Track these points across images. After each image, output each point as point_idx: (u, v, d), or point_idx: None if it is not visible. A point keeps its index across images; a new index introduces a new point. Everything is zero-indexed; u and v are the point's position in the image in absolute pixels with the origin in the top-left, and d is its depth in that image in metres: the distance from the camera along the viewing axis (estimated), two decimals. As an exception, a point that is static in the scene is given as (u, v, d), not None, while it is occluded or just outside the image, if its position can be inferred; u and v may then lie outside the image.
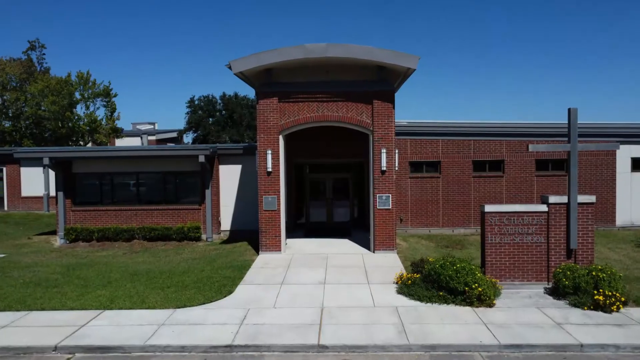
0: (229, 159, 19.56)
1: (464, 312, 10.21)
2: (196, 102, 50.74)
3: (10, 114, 32.22)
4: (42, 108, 31.53)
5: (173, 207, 19.23)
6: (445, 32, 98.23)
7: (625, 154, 19.62)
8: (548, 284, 11.87)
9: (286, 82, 15.79)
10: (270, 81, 15.67)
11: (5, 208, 28.14)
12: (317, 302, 10.91)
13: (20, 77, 33.51)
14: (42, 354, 8.79)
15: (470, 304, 10.52)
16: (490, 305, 10.52)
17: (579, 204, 11.92)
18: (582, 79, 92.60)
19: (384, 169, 15.50)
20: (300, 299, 11.20)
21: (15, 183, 28.27)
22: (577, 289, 10.79)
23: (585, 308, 10.32)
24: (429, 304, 10.68)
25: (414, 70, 14.64)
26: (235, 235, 19.35)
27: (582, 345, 8.68)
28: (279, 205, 15.78)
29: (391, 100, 15.49)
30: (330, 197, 20.85)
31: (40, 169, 26.68)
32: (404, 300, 10.97)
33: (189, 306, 10.82)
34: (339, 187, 21.06)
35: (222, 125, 48.81)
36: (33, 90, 31.20)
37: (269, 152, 15.59)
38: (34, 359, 8.67)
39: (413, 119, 20.37)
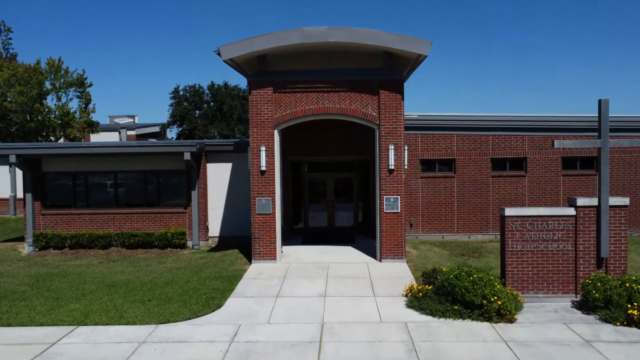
0: (218, 157, 19.57)
1: (482, 328, 10.21)
2: (181, 93, 50.79)
3: (-27, 106, 32.17)
4: (8, 99, 31.49)
5: (155, 211, 19.24)
6: (457, 14, 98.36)
7: (662, 150, 19.63)
8: (576, 297, 11.87)
9: (282, 71, 15.78)
10: (265, 69, 15.67)
11: (-33, 211, 28.15)
12: (317, 317, 10.92)
13: (-16, 65, 33.46)
14: (8, 376, 8.80)
15: (489, 319, 10.53)
16: (511, 320, 10.53)
17: (611, 206, 11.92)
18: (614, 67, 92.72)
19: (392, 167, 15.51)
20: (297, 313, 11.20)
21: (-22, 183, 28.26)
22: (608, 302, 10.79)
23: (618, 324, 10.32)
24: (442, 319, 10.69)
25: (426, 57, 14.64)
26: (224, 242, 19.35)
27: (614, 366, 8.68)
28: (274, 208, 15.78)
29: (400, 91, 15.50)
30: (332, 199, 20.87)
31: (6, 167, 26.74)
32: (414, 315, 10.98)
33: (173, 321, 10.82)
34: (342, 188, 21.07)
35: (210, 118, 48.84)
36: (-2, 79, 31.15)
37: (263, 148, 15.59)
38: (-1, 380, 8.68)
39: (424, 112, 20.38)
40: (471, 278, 10.89)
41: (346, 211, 21.01)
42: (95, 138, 37.76)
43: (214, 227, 19.72)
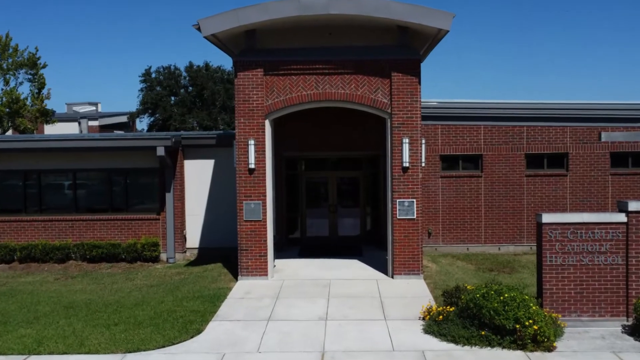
0: (198, 152, 19.59)
1: (514, 358, 10.23)
2: (153, 76, 50.82)
3: None
4: (-54, 83, 31.55)
5: (122, 217, 19.25)
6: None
7: None
8: (627, 320, 11.89)
9: (275, 49, 15.81)
10: (254, 47, 15.70)
11: None
12: (316, 345, 10.94)
13: None
14: (-54, 415, 8.81)
15: (523, 347, 10.55)
16: (550, 348, 10.55)
17: (669, 212, 11.93)
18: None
19: (406, 165, 15.53)
20: (293, 340, 11.24)
21: None
22: (666, 326, 10.81)
23: (678, 352, 10.35)
24: (466, 347, 10.71)
25: (447, 32, 14.66)
26: (205, 254, 19.37)
27: (673, 403, 8.70)
28: (264, 214, 15.81)
29: (416, 73, 15.52)
30: (334, 203, 20.88)
31: (-56, 165, 26.73)
32: (433, 342, 11.00)
33: (144, 350, 10.83)
34: (346, 189, 21.07)
35: (188, 106, 48.88)
36: None
37: (252, 142, 15.62)
38: None
39: (445, 99, 20.38)
40: (501, 298, 10.90)
41: (352, 217, 21.01)
42: (51, 130, 37.77)
43: (193, 236, 19.72)
